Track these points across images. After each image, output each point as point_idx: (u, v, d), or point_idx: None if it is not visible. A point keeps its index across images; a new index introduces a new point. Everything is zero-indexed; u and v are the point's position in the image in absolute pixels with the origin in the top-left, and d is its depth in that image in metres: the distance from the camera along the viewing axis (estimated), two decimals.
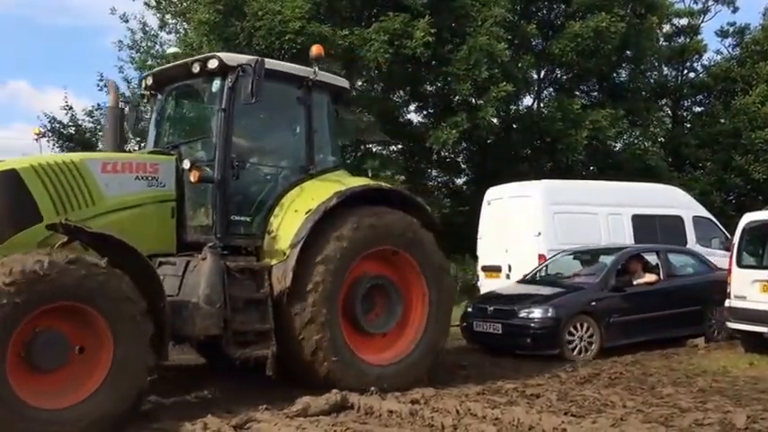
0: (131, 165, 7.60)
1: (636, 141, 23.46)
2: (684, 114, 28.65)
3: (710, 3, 28.50)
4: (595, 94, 23.46)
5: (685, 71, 28.15)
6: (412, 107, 21.11)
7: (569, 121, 19.85)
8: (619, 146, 23.16)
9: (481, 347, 11.38)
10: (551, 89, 23.36)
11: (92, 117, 19.89)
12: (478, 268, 15.15)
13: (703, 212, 16.35)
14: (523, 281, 12.68)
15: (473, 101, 18.76)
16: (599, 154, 21.59)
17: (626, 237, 14.56)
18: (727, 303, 10.96)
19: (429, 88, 20.34)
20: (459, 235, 17.89)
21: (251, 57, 7.64)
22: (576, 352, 10.44)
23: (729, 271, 11.11)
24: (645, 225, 14.88)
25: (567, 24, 20.35)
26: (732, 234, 12.38)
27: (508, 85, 18.00)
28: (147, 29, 21.36)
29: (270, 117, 8.88)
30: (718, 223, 16.38)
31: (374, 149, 20.34)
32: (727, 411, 7.22)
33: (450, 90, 19.01)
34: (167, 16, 21.44)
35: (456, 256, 18.63)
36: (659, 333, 11.28)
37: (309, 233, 7.63)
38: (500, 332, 10.74)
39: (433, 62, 18.55)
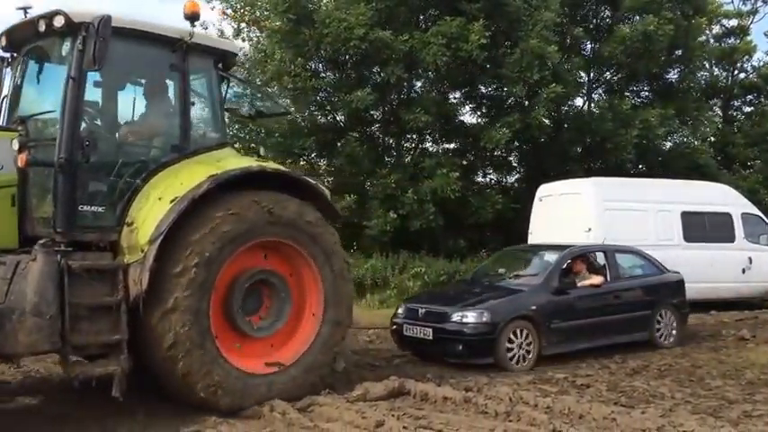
0: None
1: (685, 140, 22.82)
2: (734, 114, 27.78)
3: (759, 4, 27.64)
4: (645, 93, 22.89)
5: (735, 72, 27.28)
6: (467, 108, 20.93)
7: (619, 120, 19.43)
8: (668, 145, 22.56)
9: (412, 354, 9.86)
10: (602, 90, 22.89)
11: None
12: None
13: (752, 209, 15.96)
14: (463, 280, 11.97)
15: (525, 102, 18.51)
16: (648, 153, 21.05)
17: (675, 233, 14.34)
18: None
19: (483, 90, 20.13)
20: (511, 230, 17.70)
21: (100, 13, 6.00)
22: (513, 360, 8.99)
23: None
24: (694, 222, 14.61)
25: (616, 27, 19.89)
26: None
27: (558, 87, 17.69)
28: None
29: (135, 86, 7.31)
30: (767, 220, 15.91)
31: (430, 149, 20.25)
32: None
33: (503, 91, 18.79)
34: (242, 24, 21.66)
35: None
36: (604, 339, 9.98)
37: (173, 225, 6.18)
38: (431, 338, 9.21)
39: (488, 65, 18.34)
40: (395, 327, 9.83)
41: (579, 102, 22.30)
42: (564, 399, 7.04)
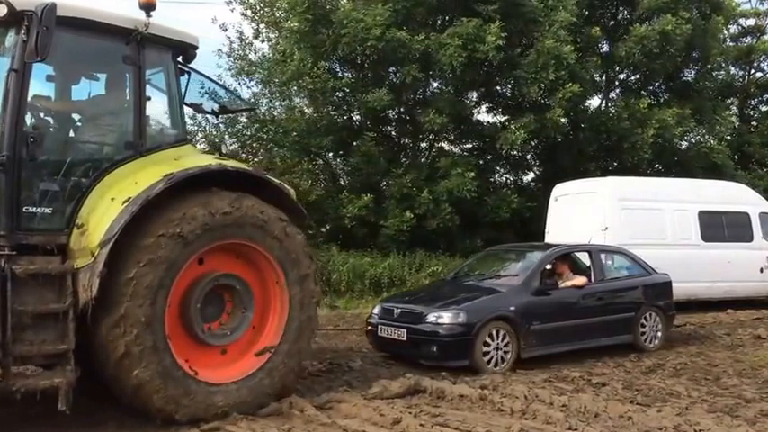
0: None
1: (702, 140, 22.65)
2: (751, 113, 27.53)
3: None
4: (662, 93, 22.73)
5: (752, 71, 27.03)
6: (483, 108, 20.88)
7: (636, 120, 19.34)
8: (685, 144, 22.39)
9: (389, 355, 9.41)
10: (618, 90, 22.77)
11: (194, 120, 20.21)
12: None
13: None
14: (443, 280, 11.58)
15: (541, 102, 18.44)
16: (665, 152, 20.92)
17: (692, 232, 14.28)
18: None
19: (500, 90, 20.09)
20: (528, 230, 17.67)
21: (45, 1, 5.53)
22: (490, 363, 8.55)
23: None
24: (711, 221, 14.54)
25: (632, 27, 19.77)
26: None
27: (574, 86, 17.62)
28: (243, 37, 21.71)
29: (87, 80, 6.82)
30: None
31: (446, 149, 20.23)
32: None
33: (519, 92, 18.74)
34: (261, 25, 21.79)
35: None
36: (586, 341, 9.53)
37: (126, 228, 5.72)
38: (405, 338, 8.81)
39: (504, 65, 18.29)
40: (369, 327, 9.45)
41: (596, 102, 22.23)
42: (580, 397, 7.03)
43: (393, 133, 20.26)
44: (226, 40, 22.01)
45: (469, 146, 20.58)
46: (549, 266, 9.81)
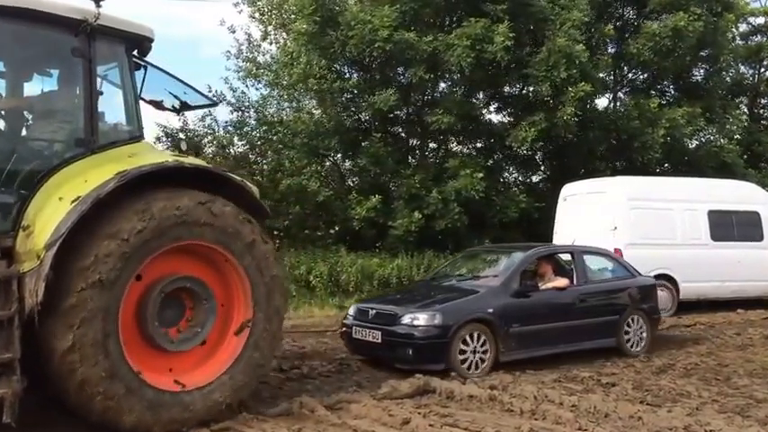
0: None
1: (712, 139, 22.56)
2: (761, 112, 27.39)
3: None
4: (672, 92, 22.67)
5: (762, 69, 26.90)
6: (492, 108, 20.87)
7: (646, 119, 19.27)
8: (694, 143, 22.30)
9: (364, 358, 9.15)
10: (628, 89, 22.70)
11: (203, 122, 20.26)
12: None
13: None
14: (421, 280, 11.34)
15: (551, 101, 18.40)
16: (675, 152, 20.85)
17: (702, 232, 14.24)
18: None
19: (509, 90, 20.07)
20: (535, 230, 17.65)
21: None
22: (466, 366, 8.30)
23: None
24: (721, 220, 14.49)
25: (644, 24, 19.72)
26: None
27: (586, 86, 17.57)
28: (251, 39, 21.76)
29: (32, 73, 6.50)
30: None
31: (455, 149, 20.23)
32: None
33: (529, 91, 18.72)
34: (269, 27, 21.85)
35: None
36: (568, 345, 9.27)
37: (74, 228, 5.36)
38: (379, 341, 8.56)
39: (513, 65, 18.28)
40: (344, 329, 9.19)
41: (604, 101, 22.16)
42: (589, 397, 7.04)
43: (401, 134, 20.28)
44: (234, 41, 22.07)
45: (478, 145, 20.56)
46: (532, 267, 9.70)
